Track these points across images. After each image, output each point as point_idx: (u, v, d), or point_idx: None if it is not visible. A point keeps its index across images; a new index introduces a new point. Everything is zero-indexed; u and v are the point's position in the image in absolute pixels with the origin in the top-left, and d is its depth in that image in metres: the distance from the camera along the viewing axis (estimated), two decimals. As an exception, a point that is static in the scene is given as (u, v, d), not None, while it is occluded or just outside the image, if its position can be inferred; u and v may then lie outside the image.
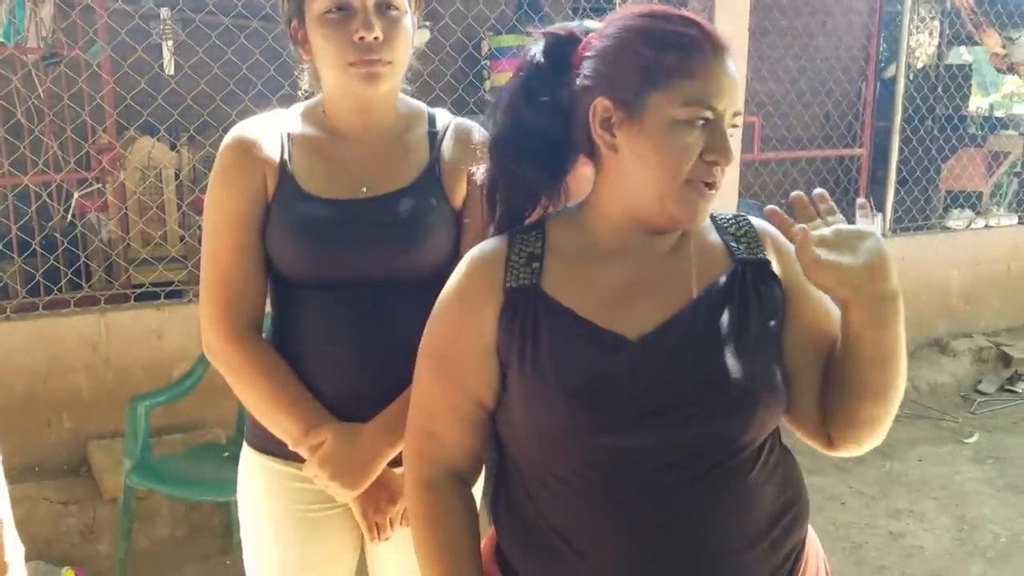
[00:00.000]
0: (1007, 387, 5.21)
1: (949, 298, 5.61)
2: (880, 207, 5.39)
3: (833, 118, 6.33)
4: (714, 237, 1.29)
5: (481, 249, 1.29)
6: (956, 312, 5.65)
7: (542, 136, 1.25)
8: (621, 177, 1.20)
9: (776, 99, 5.69)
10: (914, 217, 5.61)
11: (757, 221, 1.32)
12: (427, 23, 3.95)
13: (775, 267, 1.26)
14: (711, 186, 1.17)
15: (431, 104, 1.71)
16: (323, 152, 1.58)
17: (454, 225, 1.60)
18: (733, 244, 1.28)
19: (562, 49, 1.25)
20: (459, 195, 1.61)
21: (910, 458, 4.26)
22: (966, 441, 4.48)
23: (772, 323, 1.24)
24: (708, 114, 1.15)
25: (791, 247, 1.23)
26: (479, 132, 1.65)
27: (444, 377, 1.27)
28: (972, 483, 4.04)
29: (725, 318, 1.21)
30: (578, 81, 1.21)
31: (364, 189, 1.56)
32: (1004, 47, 5.89)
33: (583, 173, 1.29)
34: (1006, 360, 5.47)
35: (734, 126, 1.19)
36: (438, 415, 1.29)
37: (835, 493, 3.89)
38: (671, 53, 1.15)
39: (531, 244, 1.26)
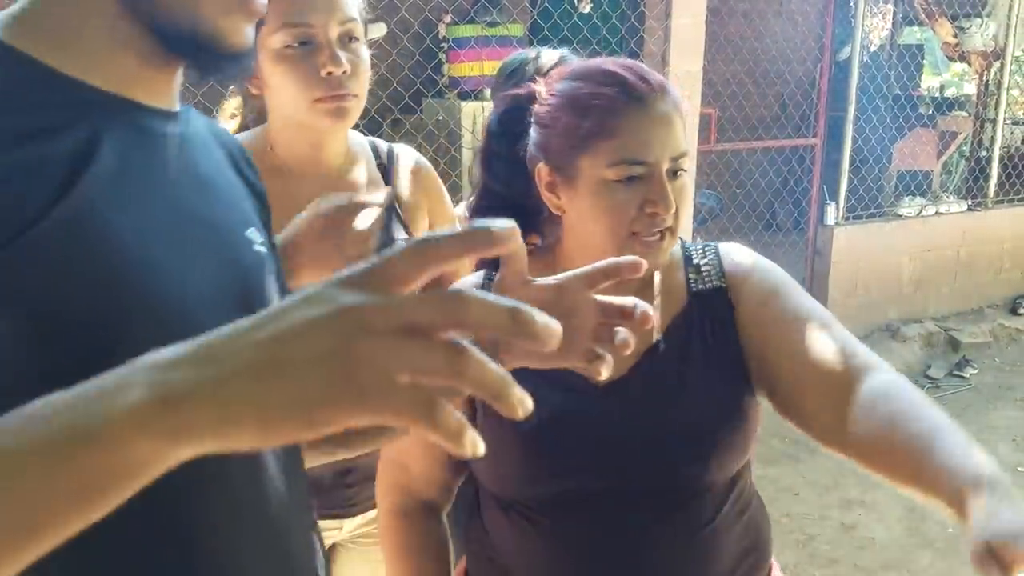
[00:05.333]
0: (955, 372, 5.32)
1: (900, 284, 5.72)
2: (833, 196, 5.45)
3: (788, 107, 6.38)
4: (679, 273, 1.28)
5: (458, 287, 1.30)
6: (907, 298, 5.76)
7: (506, 194, 1.27)
8: (577, 233, 1.23)
9: (732, 85, 5.71)
10: (867, 205, 5.68)
11: (727, 252, 1.29)
12: (384, 18, 3.91)
13: (733, 296, 1.23)
14: (660, 235, 1.16)
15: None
16: (272, 192, 1.43)
17: None
18: (692, 276, 1.27)
19: (513, 115, 1.26)
20: (422, 230, 1.60)
21: (862, 446, 4.34)
22: (915, 428, 4.57)
23: (733, 351, 1.22)
24: (637, 170, 1.14)
25: (763, 283, 1.23)
26: (424, 163, 1.67)
27: None
28: (921, 472, 4.14)
29: (685, 359, 1.22)
30: (528, 148, 1.24)
31: None
32: (956, 36, 5.97)
33: None
34: (954, 345, 5.59)
35: (679, 169, 1.17)
36: (407, 447, 1.31)
37: (788, 484, 3.97)
38: (590, 118, 1.15)
39: None
